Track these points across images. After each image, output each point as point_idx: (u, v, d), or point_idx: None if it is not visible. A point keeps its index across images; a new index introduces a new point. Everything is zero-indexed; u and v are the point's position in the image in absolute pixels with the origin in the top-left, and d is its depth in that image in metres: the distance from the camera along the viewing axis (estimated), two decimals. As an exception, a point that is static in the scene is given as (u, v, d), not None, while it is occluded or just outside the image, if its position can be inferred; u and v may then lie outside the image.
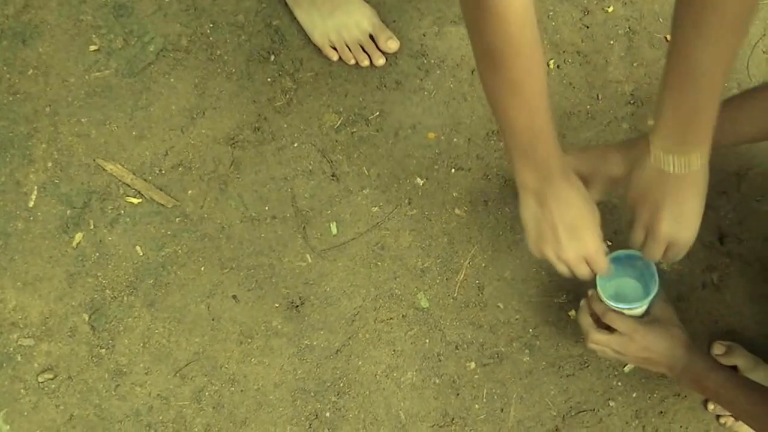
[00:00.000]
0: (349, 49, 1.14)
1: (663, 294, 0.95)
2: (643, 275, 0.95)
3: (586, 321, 0.97)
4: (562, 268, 0.88)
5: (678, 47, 0.70)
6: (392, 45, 1.14)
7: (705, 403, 1.12)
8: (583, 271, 0.87)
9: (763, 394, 0.88)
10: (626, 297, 0.95)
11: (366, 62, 1.14)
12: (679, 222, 0.81)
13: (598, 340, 0.95)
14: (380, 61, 1.14)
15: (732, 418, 1.11)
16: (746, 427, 1.10)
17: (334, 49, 1.14)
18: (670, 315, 0.95)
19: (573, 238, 0.83)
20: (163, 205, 1.11)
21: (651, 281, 0.92)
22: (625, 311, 0.93)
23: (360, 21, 1.13)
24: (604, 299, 0.93)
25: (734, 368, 1.11)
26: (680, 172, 0.77)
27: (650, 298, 0.92)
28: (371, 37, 1.14)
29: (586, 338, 0.96)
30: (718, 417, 1.11)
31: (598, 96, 1.17)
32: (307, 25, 1.14)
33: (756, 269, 1.12)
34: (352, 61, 1.14)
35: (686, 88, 0.71)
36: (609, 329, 0.95)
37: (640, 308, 0.94)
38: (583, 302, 0.98)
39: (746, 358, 1.10)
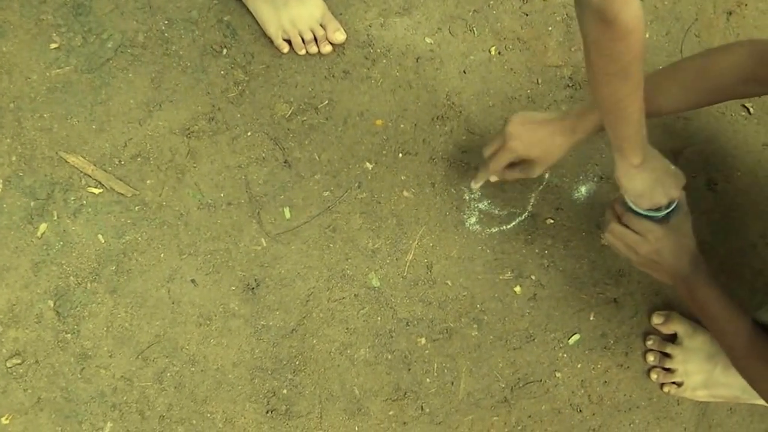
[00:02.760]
0: (302, 39, 1.16)
1: (685, 207, 1.00)
2: None
3: (610, 214, 1.01)
4: (665, 201, 0.96)
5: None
6: (339, 37, 1.17)
7: (648, 372, 1.16)
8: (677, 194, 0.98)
9: (744, 319, 0.94)
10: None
11: (315, 49, 1.17)
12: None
13: (616, 230, 1.00)
14: (327, 48, 1.17)
15: (675, 386, 1.14)
16: (689, 393, 1.14)
17: (286, 41, 1.17)
18: (685, 228, 0.99)
19: (673, 176, 0.96)
20: (123, 194, 1.14)
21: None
22: (645, 214, 0.97)
23: (313, 11, 1.16)
24: (629, 203, 0.97)
25: (674, 335, 1.16)
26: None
27: (670, 210, 0.96)
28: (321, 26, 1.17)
29: (604, 229, 1.01)
30: (662, 385, 1.15)
31: (537, 80, 1.20)
32: (261, 16, 1.16)
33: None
34: (303, 51, 1.17)
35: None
36: None
37: (658, 215, 0.97)
38: (612, 201, 1.02)
39: (685, 324, 1.14)
